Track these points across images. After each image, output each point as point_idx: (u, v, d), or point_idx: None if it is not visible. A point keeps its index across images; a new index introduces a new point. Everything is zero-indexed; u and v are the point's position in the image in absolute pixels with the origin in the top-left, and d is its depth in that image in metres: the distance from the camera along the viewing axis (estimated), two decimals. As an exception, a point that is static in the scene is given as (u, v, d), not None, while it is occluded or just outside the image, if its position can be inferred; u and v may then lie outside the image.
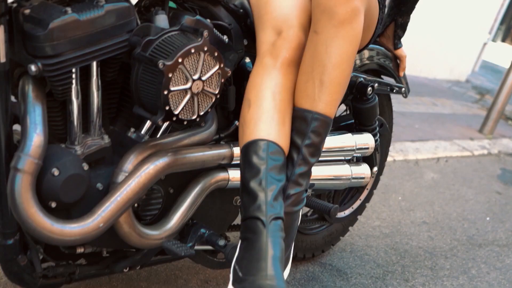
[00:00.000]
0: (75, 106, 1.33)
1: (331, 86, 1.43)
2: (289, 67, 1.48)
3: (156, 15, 1.40)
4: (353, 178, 1.88)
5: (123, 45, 1.32)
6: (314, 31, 1.44)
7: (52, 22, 1.19)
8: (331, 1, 1.40)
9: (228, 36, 1.61)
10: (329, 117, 1.45)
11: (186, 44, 1.32)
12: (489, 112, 5.30)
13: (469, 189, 3.87)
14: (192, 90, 1.35)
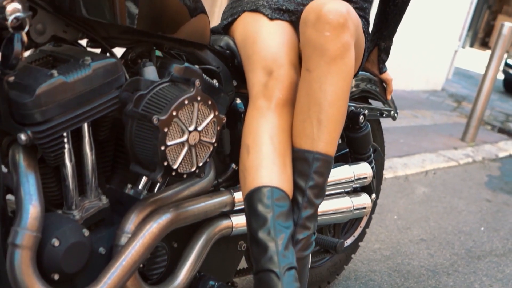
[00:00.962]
0: (69, 170, 1.28)
1: (329, 124, 1.40)
2: (284, 108, 1.45)
3: (144, 67, 1.36)
4: (354, 209, 1.85)
5: (113, 102, 1.28)
6: (307, 69, 1.41)
7: (39, 88, 1.15)
8: (321, 38, 1.38)
9: (217, 80, 1.58)
10: (330, 156, 1.42)
11: (178, 96, 1.28)
12: (469, 120, 5.33)
13: (460, 200, 3.86)
14: (189, 142, 1.31)
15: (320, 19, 1.38)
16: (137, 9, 1.27)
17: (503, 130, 6.43)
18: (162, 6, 1.33)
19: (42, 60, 1.27)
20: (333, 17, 1.38)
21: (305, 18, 1.43)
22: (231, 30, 1.69)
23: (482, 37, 15.83)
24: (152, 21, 1.32)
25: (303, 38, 1.43)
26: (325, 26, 1.38)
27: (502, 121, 6.91)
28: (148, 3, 1.29)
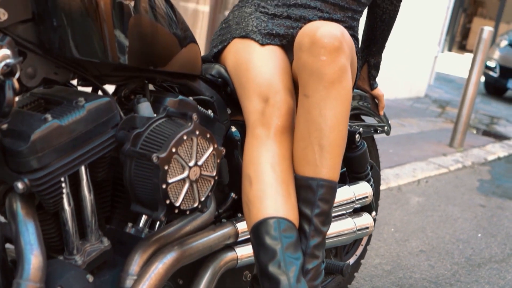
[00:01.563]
0: (68, 214, 1.24)
1: (331, 149, 1.37)
2: (283, 135, 1.43)
3: (139, 104, 1.33)
4: (357, 230, 1.82)
5: (110, 142, 1.25)
6: (304, 94, 1.39)
7: (33, 133, 1.11)
8: (318, 63, 1.36)
9: (212, 110, 1.55)
10: (334, 181, 1.39)
11: (177, 132, 1.25)
12: (456, 125, 5.34)
13: (454, 207, 3.86)
14: (190, 178, 1.28)
15: (315, 44, 1.37)
16: (128, 45, 1.24)
17: (489, 132, 6.45)
18: (152, 39, 1.31)
19: (33, 103, 1.24)
20: (328, 41, 1.36)
21: (299, 43, 1.41)
22: (222, 57, 1.67)
23: (460, 40, 15.98)
24: (144, 56, 1.30)
25: (298, 63, 1.41)
26: (321, 51, 1.36)
27: (487, 124, 6.95)
28: (139, 38, 1.27)
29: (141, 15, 1.26)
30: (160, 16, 1.33)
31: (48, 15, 1.15)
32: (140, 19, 1.26)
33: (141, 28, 1.26)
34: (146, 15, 1.28)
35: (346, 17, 1.72)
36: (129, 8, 1.23)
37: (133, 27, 1.24)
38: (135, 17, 1.24)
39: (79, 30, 1.17)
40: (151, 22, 1.29)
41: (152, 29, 1.30)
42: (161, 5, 1.34)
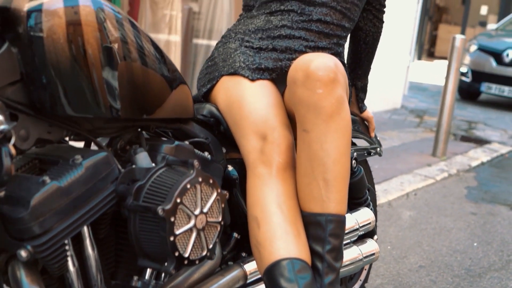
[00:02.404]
0: (73, 275, 1.20)
1: (337, 183, 1.35)
2: (286, 172, 1.40)
3: (136, 155, 1.29)
4: (364, 257, 1.80)
5: (111, 198, 1.21)
6: (304, 130, 1.37)
7: (33, 198, 1.07)
8: (314, 96, 1.34)
9: (208, 151, 1.52)
10: (342, 215, 1.37)
11: (179, 181, 1.21)
12: (437, 134, 5.36)
13: (446, 218, 3.85)
14: (197, 226, 1.24)
15: (310, 77, 1.35)
16: (121, 97, 1.21)
17: (469, 138, 6.49)
18: (144, 87, 1.27)
19: (28, 165, 1.20)
20: (323, 73, 1.34)
21: (293, 77, 1.39)
22: (212, 96, 1.64)
23: (428, 48, 16.19)
24: (137, 106, 1.26)
25: (294, 98, 1.39)
26: (316, 84, 1.34)
27: (466, 129, 6.99)
28: (131, 88, 1.23)
29: (130, 63, 1.23)
30: (149, 61, 1.30)
31: (37, 74, 1.11)
32: (130, 68, 1.23)
33: (132, 77, 1.23)
34: (135, 62, 1.25)
35: (331, 44, 1.71)
36: (117, 57, 1.20)
37: (124, 77, 1.21)
38: (125, 66, 1.21)
39: (70, 86, 1.14)
40: (141, 69, 1.26)
41: (143, 77, 1.27)
42: (149, 48, 1.31)
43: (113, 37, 1.18)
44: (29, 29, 1.10)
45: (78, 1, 1.14)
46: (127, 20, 1.26)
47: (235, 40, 1.69)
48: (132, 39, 1.24)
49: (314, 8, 1.67)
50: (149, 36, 1.33)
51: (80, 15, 1.13)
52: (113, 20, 1.20)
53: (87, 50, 1.14)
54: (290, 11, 1.68)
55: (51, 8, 1.11)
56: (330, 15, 1.68)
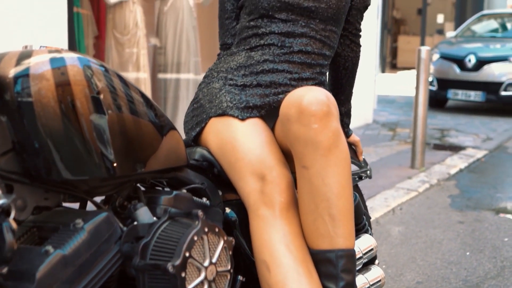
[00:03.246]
0: None
1: (343, 217, 1.32)
2: (289, 211, 1.37)
3: (136, 210, 1.25)
4: (371, 285, 1.76)
5: (116, 259, 1.16)
6: (303, 166, 1.34)
7: (38, 271, 1.02)
8: (311, 132, 1.32)
9: (205, 196, 1.49)
10: (352, 249, 1.34)
11: (186, 234, 1.18)
12: (413, 146, 5.40)
13: (435, 230, 3.85)
14: (207, 278, 1.20)
15: (304, 113, 1.33)
16: (115, 154, 1.17)
17: (444, 146, 6.55)
18: (138, 141, 1.24)
19: (26, 235, 1.15)
20: (317, 108, 1.32)
21: (286, 114, 1.37)
22: (202, 139, 1.61)
23: (390, 60, 16.41)
24: (132, 161, 1.23)
25: (289, 135, 1.37)
26: (311, 119, 1.32)
27: (439, 138, 7.06)
28: (124, 143, 1.20)
29: (122, 119, 1.20)
30: (139, 113, 1.27)
31: (29, 141, 1.07)
32: (122, 123, 1.20)
33: (125, 132, 1.20)
34: (126, 117, 1.21)
35: (315, 73, 1.70)
36: (108, 114, 1.16)
37: (116, 134, 1.18)
38: (117, 122, 1.18)
39: (64, 149, 1.10)
40: (133, 123, 1.23)
41: (136, 130, 1.23)
42: (137, 99, 1.28)
43: (103, 93, 1.15)
44: (16, 95, 1.06)
45: (65, 61, 1.11)
46: (114, 74, 1.23)
47: (218, 80, 1.67)
48: (121, 92, 1.21)
49: (294, 40, 1.66)
50: (136, 87, 1.30)
51: (69, 75, 1.09)
52: (100, 76, 1.17)
53: (78, 111, 1.10)
54: (270, 45, 1.67)
55: (38, 72, 1.07)
56: (310, 45, 1.68)
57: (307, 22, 1.68)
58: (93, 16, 4.89)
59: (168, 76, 5.72)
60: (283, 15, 1.66)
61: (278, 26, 1.67)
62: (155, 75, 5.64)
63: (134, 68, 5.15)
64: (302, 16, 1.67)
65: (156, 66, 5.66)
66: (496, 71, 8.87)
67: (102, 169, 1.15)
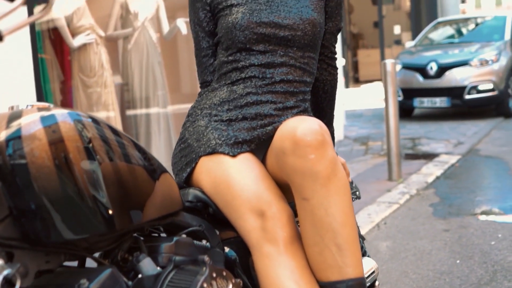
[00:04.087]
0: None
1: (349, 245, 1.30)
2: (293, 245, 1.35)
3: (139, 262, 1.22)
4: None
5: None
6: (303, 198, 1.33)
7: None
8: (308, 163, 1.30)
9: (204, 238, 1.46)
10: (362, 277, 1.32)
11: (195, 282, 1.15)
12: (389, 158, 5.43)
13: (422, 241, 3.86)
14: (220, 326, 1.17)
15: (299, 144, 1.31)
16: (112, 208, 1.14)
17: (418, 155, 6.61)
18: (135, 190, 1.21)
19: (30, 301, 1.10)
20: (311, 138, 1.31)
21: (280, 147, 1.35)
22: (193, 180, 1.58)
23: (352, 75, 16.58)
24: (130, 214, 1.19)
25: (286, 168, 1.35)
26: (307, 150, 1.31)
27: (411, 147, 7.13)
28: (122, 196, 1.17)
29: (118, 171, 1.17)
30: (134, 162, 1.24)
31: (26, 204, 1.04)
32: (118, 175, 1.17)
33: (121, 182, 1.17)
34: (122, 168, 1.19)
35: (298, 101, 1.69)
36: (104, 168, 1.13)
37: (114, 186, 1.15)
38: (113, 175, 1.15)
39: (63, 209, 1.06)
40: (129, 174, 1.20)
41: (132, 179, 1.21)
42: (130, 148, 1.25)
43: (96, 146, 1.12)
44: (9, 158, 1.03)
45: (56, 118, 1.08)
46: (102, 124, 1.20)
47: (203, 117, 1.65)
48: (112, 141, 1.19)
49: (275, 70, 1.66)
50: (127, 135, 1.27)
51: (61, 132, 1.06)
52: (91, 128, 1.14)
53: (73, 167, 1.07)
54: (251, 78, 1.66)
55: (30, 132, 1.04)
56: (291, 73, 1.68)
57: (286, 51, 1.67)
58: (57, 61, 4.84)
59: (138, 112, 5.69)
60: (260, 46, 1.66)
61: (257, 58, 1.66)
62: (124, 113, 5.60)
63: (103, 108, 5.11)
64: (280, 45, 1.67)
65: (124, 103, 5.62)
66: (458, 76, 9.03)
67: (102, 224, 1.11)
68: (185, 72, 6.66)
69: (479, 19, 11.08)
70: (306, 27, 1.68)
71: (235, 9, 1.68)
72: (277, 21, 1.66)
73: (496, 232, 3.90)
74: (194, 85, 6.68)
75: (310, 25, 1.69)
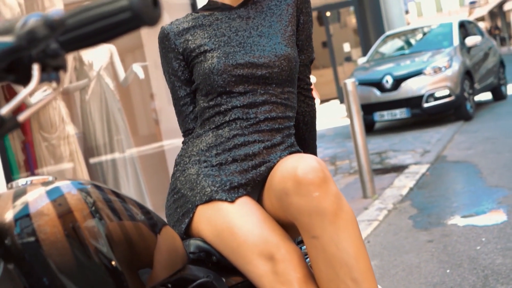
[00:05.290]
0: None
1: (365, 277, 1.29)
2: (308, 285, 1.32)
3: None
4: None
5: None
6: (313, 237, 1.31)
7: None
8: (313, 201, 1.29)
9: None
10: (383, 309, 1.30)
11: None
12: (361, 176, 5.46)
13: (408, 255, 3.86)
14: None
15: (302, 184, 1.30)
16: (127, 276, 1.10)
17: (387, 169, 6.66)
18: (145, 252, 1.18)
19: None
20: (313, 176, 1.30)
21: (283, 189, 1.33)
22: (193, 230, 1.55)
23: (310, 96, 16.74)
24: (144, 277, 1.16)
25: (291, 209, 1.33)
26: (310, 188, 1.29)
27: (380, 162, 7.18)
28: (135, 261, 1.14)
29: (128, 235, 1.14)
30: (138, 220, 1.21)
31: (42, 282, 1.00)
32: (129, 240, 1.14)
33: (133, 248, 1.14)
34: (131, 231, 1.16)
35: (284, 137, 1.69)
36: (115, 232, 1.10)
37: (126, 251, 1.11)
38: (124, 240, 1.11)
39: (79, 282, 1.02)
40: (137, 236, 1.17)
41: (138, 237, 1.18)
42: (135, 209, 1.23)
43: (103, 211, 1.09)
44: (18, 237, 0.99)
45: (61, 190, 1.04)
46: (103, 188, 1.18)
47: (193, 164, 1.63)
48: (116, 204, 1.17)
49: (257, 109, 1.65)
50: (131, 198, 1.25)
51: (68, 204, 1.03)
52: (95, 194, 1.11)
53: (83, 236, 1.04)
54: (236, 120, 1.65)
55: (38, 208, 1.00)
56: (274, 110, 1.67)
57: (265, 89, 1.67)
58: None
59: (103, 159, 5.63)
60: (240, 88, 1.65)
61: (238, 99, 1.65)
62: (88, 162, 5.53)
63: (68, 160, 5.03)
64: (259, 84, 1.67)
65: (88, 153, 5.55)
66: (414, 86, 9.20)
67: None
68: (141, 115, 6.65)
69: (426, 28, 11.34)
70: (282, 63, 1.69)
71: (209, 55, 1.67)
72: (253, 61, 1.66)
73: (479, 236, 3.94)
74: (152, 126, 6.65)
75: (286, 60, 1.70)
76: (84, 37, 0.75)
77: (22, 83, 0.77)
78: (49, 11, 0.70)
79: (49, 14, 0.69)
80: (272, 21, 1.77)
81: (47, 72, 0.77)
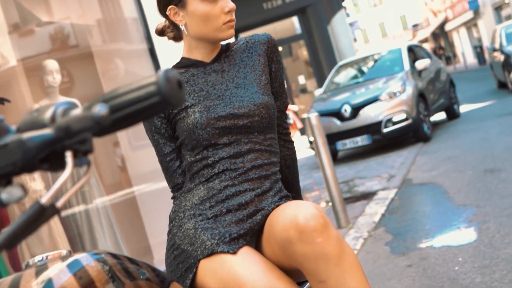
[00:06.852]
0: None
1: (375, 316, 1.34)
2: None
3: None
4: None
5: None
6: (320, 281, 1.36)
7: None
8: (317, 247, 1.34)
9: None
10: None
11: None
12: (334, 207, 5.54)
13: (390, 282, 3.92)
14: None
15: (305, 231, 1.35)
16: None
17: (357, 197, 6.76)
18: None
19: None
20: (315, 222, 1.36)
21: (287, 238, 1.39)
22: (197, 284, 1.58)
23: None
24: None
25: (295, 256, 1.38)
26: (313, 234, 1.35)
27: (348, 190, 7.29)
28: None
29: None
30: (145, 280, 1.25)
31: None
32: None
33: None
34: (141, 283, 1.20)
35: (272, 183, 1.75)
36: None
37: None
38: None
39: None
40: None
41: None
42: (141, 265, 1.27)
43: (120, 276, 1.13)
44: None
45: (81, 262, 1.08)
46: (116, 255, 1.21)
47: (188, 219, 1.67)
48: (132, 268, 1.21)
49: (244, 158, 1.71)
50: (138, 259, 1.28)
51: (90, 275, 1.06)
52: (112, 262, 1.15)
53: None
54: (224, 171, 1.70)
55: (61, 283, 1.03)
56: (259, 157, 1.73)
57: (249, 138, 1.73)
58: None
59: (76, 210, 5.59)
60: (225, 139, 1.71)
61: (224, 150, 1.71)
62: (60, 216, 5.47)
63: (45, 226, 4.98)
64: (242, 134, 1.73)
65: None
66: (372, 113, 9.42)
67: None
68: (105, 163, 6.63)
69: (376, 56, 11.65)
70: (261, 111, 1.75)
71: (191, 110, 1.72)
72: (233, 112, 1.72)
73: (456, 257, 4.03)
74: (116, 174, 6.63)
75: (265, 108, 1.76)
76: (115, 122, 0.80)
77: (55, 170, 0.81)
78: (94, 107, 0.74)
79: (94, 111, 0.73)
80: (246, 72, 1.83)
81: (78, 157, 0.81)
